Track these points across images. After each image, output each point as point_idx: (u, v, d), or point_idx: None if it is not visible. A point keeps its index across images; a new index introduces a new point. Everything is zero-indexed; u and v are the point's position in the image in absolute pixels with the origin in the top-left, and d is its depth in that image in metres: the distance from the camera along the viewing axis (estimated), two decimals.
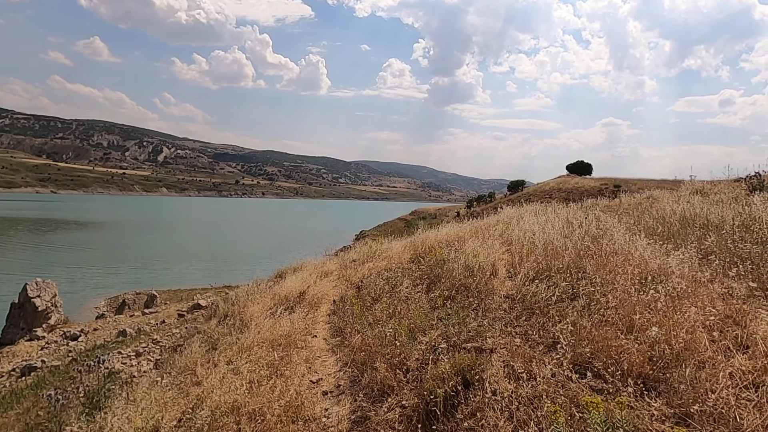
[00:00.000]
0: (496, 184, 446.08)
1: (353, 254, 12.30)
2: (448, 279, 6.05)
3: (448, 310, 5.03)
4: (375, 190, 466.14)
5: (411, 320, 4.88)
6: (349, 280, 9.25)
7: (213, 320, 11.55)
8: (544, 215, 8.45)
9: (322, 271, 11.42)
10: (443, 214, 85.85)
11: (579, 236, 5.45)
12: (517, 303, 4.54)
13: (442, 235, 9.76)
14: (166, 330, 13.85)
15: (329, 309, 7.82)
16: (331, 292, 8.86)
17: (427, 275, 7.05)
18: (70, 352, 15.40)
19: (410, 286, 6.41)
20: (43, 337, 20.15)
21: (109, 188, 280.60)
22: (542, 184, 78.37)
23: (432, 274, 6.94)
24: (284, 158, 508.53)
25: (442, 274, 6.49)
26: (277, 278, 13.71)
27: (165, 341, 11.71)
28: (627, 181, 68.42)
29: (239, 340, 6.79)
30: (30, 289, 21.32)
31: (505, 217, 11.38)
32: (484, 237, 8.74)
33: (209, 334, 8.98)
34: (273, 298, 9.70)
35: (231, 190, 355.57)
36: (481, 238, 8.68)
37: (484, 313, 4.65)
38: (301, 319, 7.04)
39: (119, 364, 10.28)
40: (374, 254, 10.69)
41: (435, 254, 7.15)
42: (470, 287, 5.45)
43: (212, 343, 8.19)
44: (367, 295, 7.08)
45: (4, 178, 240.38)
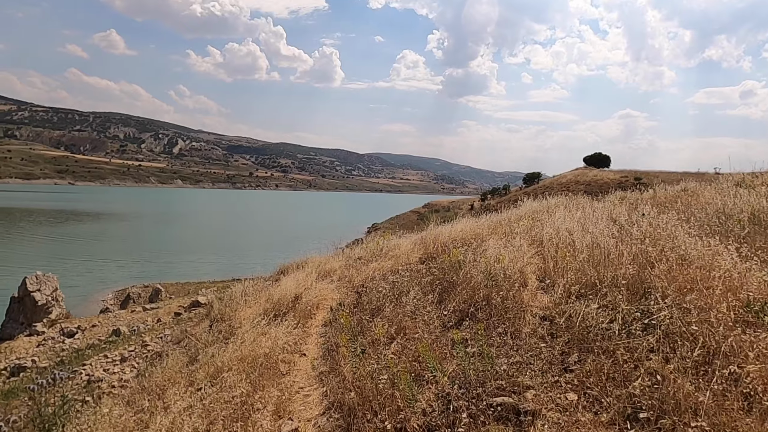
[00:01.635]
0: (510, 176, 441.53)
1: (359, 251, 11.21)
2: (464, 288, 4.92)
3: (465, 333, 3.90)
4: (388, 183, 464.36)
5: (417, 349, 3.76)
6: (351, 282, 8.17)
7: (204, 323, 10.60)
8: (578, 210, 7.23)
9: (324, 270, 10.35)
10: (457, 207, 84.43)
11: (636, 238, 4.26)
12: (560, 329, 3.39)
13: (457, 231, 8.60)
14: (159, 330, 12.99)
15: (325, 318, 6.75)
16: (330, 296, 7.79)
17: (439, 281, 5.93)
18: (63, 351, 14.65)
19: (419, 295, 5.30)
20: (43, 333, 19.50)
21: (125, 180, 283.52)
22: (559, 176, 76.36)
23: (445, 280, 5.82)
24: (298, 150, 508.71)
25: (457, 280, 5.36)
26: (279, 274, 12.72)
27: (154, 344, 10.82)
28: (648, 173, 66.11)
29: (216, 356, 5.76)
30: (29, 283, 20.69)
31: (527, 211, 10.17)
32: (506, 235, 7.57)
33: (194, 342, 8.00)
34: (267, 300, 8.66)
35: (245, 182, 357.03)
36: (503, 237, 7.51)
37: (513, 340, 3.52)
38: (289, 331, 5.97)
39: (101, 372, 9.40)
40: (380, 252, 9.58)
41: (449, 255, 6.02)
42: (493, 301, 4.32)
43: (193, 354, 7.19)
44: (367, 303, 5.99)
45: (24, 169, 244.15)
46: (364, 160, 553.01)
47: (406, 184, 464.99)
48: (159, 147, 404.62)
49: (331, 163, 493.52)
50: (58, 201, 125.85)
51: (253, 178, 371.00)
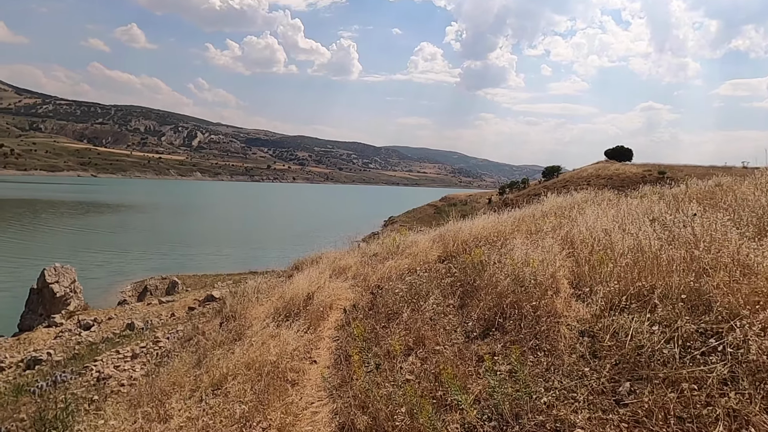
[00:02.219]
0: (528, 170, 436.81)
1: (375, 246, 10.81)
2: (489, 293, 4.49)
3: (492, 345, 3.48)
4: (405, 176, 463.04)
5: (438, 365, 3.36)
6: (366, 281, 7.79)
7: (216, 320, 10.36)
8: (610, 206, 6.69)
9: (339, 267, 9.99)
10: (474, 201, 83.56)
11: (687, 241, 3.77)
12: (604, 348, 2.94)
13: (478, 228, 8.14)
14: (172, 326, 12.83)
15: (338, 319, 6.38)
16: (343, 296, 7.42)
17: (460, 283, 5.50)
18: (78, 345, 14.63)
19: (438, 299, 4.88)
20: (61, 324, 19.64)
21: (146, 172, 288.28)
22: (579, 170, 74.82)
23: (466, 282, 5.39)
24: (315, 143, 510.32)
25: (480, 283, 4.93)
26: (293, 270, 12.44)
27: (165, 341, 10.63)
28: (672, 167, 64.23)
29: (222, 361, 5.44)
30: (48, 275, 20.85)
31: (552, 207, 9.64)
32: (532, 233, 7.09)
33: (203, 342, 7.73)
34: (280, 298, 8.34)
35: (263, 174, 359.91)
36: (528, 235, 7.02)
37: (549, 358, 3.09)
38: (300, 335, 5.62)
39: (111, 369, 9.22)
40: (397, 249, 9.17)
41: (471, 256, 5.58)
42: (523, 309, 3.88)
43: (201, 355, 6.91)
44: (383, 306, 5.59)
45: (48, 162, 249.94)
46: (381, 153, 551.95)
47: (422, 178, 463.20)
48: (179, 140, 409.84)
49: (348, 156, 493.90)
50: (81, 193, 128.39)
51: (270, 171, 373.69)
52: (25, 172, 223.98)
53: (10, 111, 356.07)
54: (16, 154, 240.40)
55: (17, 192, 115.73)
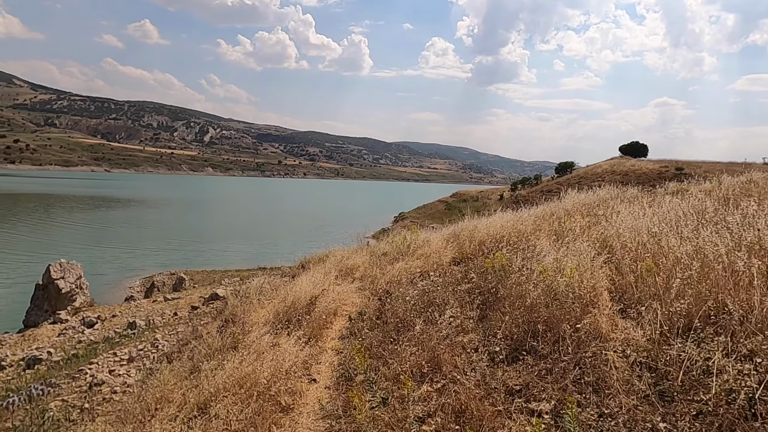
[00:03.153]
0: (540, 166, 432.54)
1: (385, 245, 10.19)
2: (515, 306, 3.86)
3: (524, 374, 2.85)
4: (415, 172, 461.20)
5: (459, 395, 2.74)
6: (374, 284, 7.19)
7: (216, 322, 9.84)
8: (648, 205, 5.97)
9: (346, 267, 9.42)
10: (486, 197, 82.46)
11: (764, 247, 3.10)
12: (674, 388, 2.30)
13: (495, 227, 7.48)
14: (173, 325, 12.37)
15: (343, 328, 5.80)
16: (350, 301, 6.83)
17: (480, 291, 4.88)
18: (79, 343, 14.26)
19: (455, 312, 4.26)
20: (66, 321, 19.35)
21: (158, 167, 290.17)
22: (593, 166, 73.41)
23: (487, 290, 4.77)
24: (325, 139, 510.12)
25: (503, 293, 4.30)
26: (299, 268, 11.89)
27: (164, 343, 10.15)
28: (690, 163, 62.68)
29: (214, 374, 4.88)
30: (53, 271, 20.56)
31: (574, 205, 8.94)
32: (557, 234, 6.42)
33: (199, 348, 7.20)
34: (282, 301, 7.78)
35: (273, 170, 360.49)
36: (553, 236, 6.37)
37: (600, 398, 2.45)
38: (299, 347, 5.03)
39: (105, 373, 8.74)
40: (408, 249, 8.55)
41: (491, 260, 4.94)
42: (559, 328, 3.24)
43: (196, 363, 6.38)
44: (392, 315, 4.99)
45: (63, 157, 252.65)
46: (392, 148, 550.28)
47: (433, 173, 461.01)
48: (191, 135, 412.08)
49: (358, 151, 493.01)
50: (94, 188, 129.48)
51: (281, 167, 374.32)
52: (40, 167, 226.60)
53: (26, 107, 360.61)
54: (31, 149, 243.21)
55: (32, 186, 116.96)
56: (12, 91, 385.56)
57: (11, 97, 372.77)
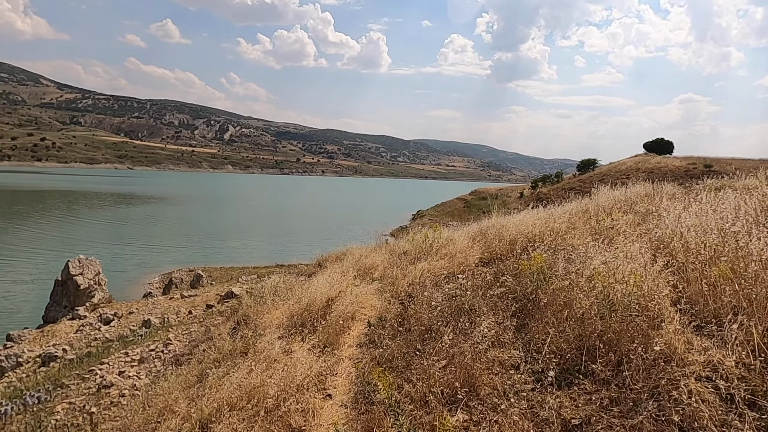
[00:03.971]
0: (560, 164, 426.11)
1: (404, 243, 9.66)
2: (562, 317, 3.32)
3: (583, 404, 2.32)
4: (433, 169, 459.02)
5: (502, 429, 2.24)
6: (395, 285, 6.68)
7: (229, 323, 9.49)
8: (698, 201, 5.34)
9: (364, 266, 8.94)
10: (505, 195, 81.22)
11: None
12: None
13: (526, 225, 6.91)
14: (187, 325, 12.09)
15: (361, 334, 5.32)
16: (368, 303, 6.35)
17: (513, 295, 4.34)
18: (95, 341, 14.14)
19: (491, 323, 3.73)
20: (84, 317, 19.36)
21: (179, 165, 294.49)
22: (617, 163, 71.58)
23: (523, 296, 4.23)
24: (344, 137, 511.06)
25: (544, 300, 3.76)
26: (317, 266, 11.50)
27: (176, 343, 9.84)
28: (719, 160, 60.51)
29: (221, 384, 4.46)
30: (72, 267, 20.60)
31: (609, 201, 8.28)
32: (596, 233, 5.84)
33: (210, 351, 6.81)
34: (297, 302, 7.35)
35: (292, 167, 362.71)
36: (593, 235, 5.78)
37: None
38: (314, 355, 4.57)
39: (115, 375, 8.46)
40: (430, 248, 8.02)
41: (528, 262, 4.40)
42: (619, 346, 2.70)
43: (203, 369, 5.98)
44: (416, 323, 4.49)
45: (87, 155, 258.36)
46: (410, 146, 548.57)
47: (451, 171, 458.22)
48: (211, 133, 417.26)
49: (376, 149, 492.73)
50: (117, 184, 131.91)
51: (300, 164, 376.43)
52: (65, 165, 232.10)
53: (52, 105, 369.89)
54: (57, 147, 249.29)
55: (57, 183, 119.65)
56: (39, 91, 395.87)
57: (38, 96, 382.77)
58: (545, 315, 3.59)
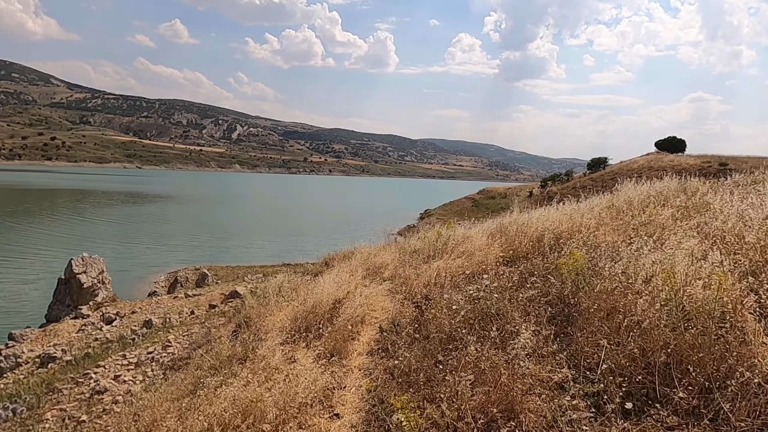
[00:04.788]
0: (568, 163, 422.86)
1: (416, 241, 9.09)
2: (615, 326, 2.76)
3: None
4: (441, 169, 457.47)
5: None
6: (408, 285, 6.14)
7: (231, 325, 8.99)
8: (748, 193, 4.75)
9: (373, 265, 8.40)
10: (514, 194, 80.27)
11: None
12: None
13: (552, 221, 6.34)
14: (189, 325, 11.64)
15: (372, 340, 4.78)
16: (379, 305, 5.82)
17: (546, 298, 3.79)
18: (95, 341, 13.74)
19: (527, 335, 3.18)
20: (87, 316, 19.01)
21: (188, 164, 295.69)
22: (628, 162, 70.50)
23: (558, 299, 3.68)
24: (351, 136, 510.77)
25: (587, 305, 3.20)
26: (323, 265, 10.97)
27: (176, 346, 9.38)
28: (734, 158, 59.21)
29: (215, 396, 3.95)
30: (75, 265, 20.27)
31: (638, 196, 7.67)
32: (631, 228, 5.26)
33: (208, 356, 6.31)
34: (302, 303, 6.84)
35: (299, 167, 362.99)
36: (624, 230, 5.21)
37: None
38: (319, 366, 4.04)
39: (109, 380, 8.00)
40: (445, 245, 7.46)
41: (567, 260, 3.83)
42: (706, 367, 2.14)
43: (198, 378, 5.48)
44: (435, 330, 3.94)
45: (96, 154, 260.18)
46: (417, 145, 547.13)
47: (459, 171, 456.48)
48: (219, 133, 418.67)
49: (384, 148, 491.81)
50: (126, 183, 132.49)
51: (307, 164, 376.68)
52: (75, 164, 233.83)
53: (62, 105, 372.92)
54: (67, 146, 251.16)
55: (67, 182, 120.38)
56: (50, 91, 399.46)
57: (49, 96, 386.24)
58: (591, 323, 3.03)
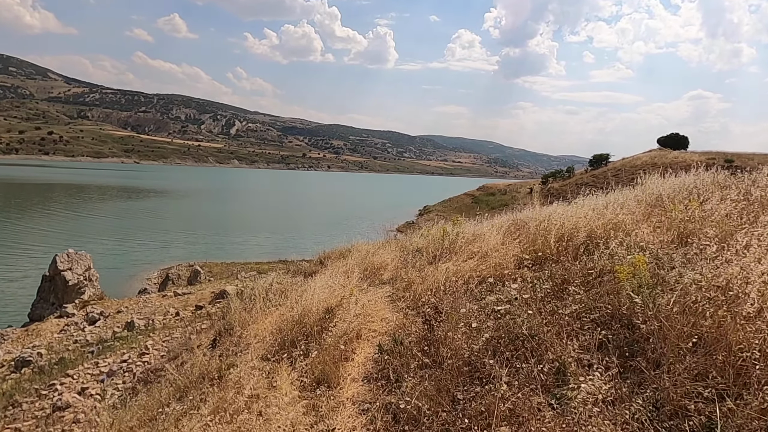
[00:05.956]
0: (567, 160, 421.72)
1: (418, 239, 8.18)
2: (715, 360, 1.89)
3: None
4: (440, 165, 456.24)
5: None
6: (412, 291, 5.27)
7: (212, 331, 8.12)
8: None
9: (372, 265, 7.50)
10: (514, 191, 79.60)
11: None
12: None
13: (578, 216, 5.46)
14: (171, 328, 10.78)
15: (370, 360, 3.90)
16: (378, 316, 4.93)
17: (591, 315, 2.92)
18: (75, 343, 12.87)
19: (568, 357, 2.31)
20: (72, 315, 18.14)
21: (186, 159, 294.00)
22: (631, 158, 69.72)
23: (611, 317, 2.81)
24: (350, 132, 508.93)
25: (656, 326, 2.33)
26: (318, 264, 10.08)
27: (154, 353, 8.52)
28: (739, 155, 58.51)
29: None
30: (60, 261, 19.36)
31: (673, 188, 6.78)
32: (682, 221, 4.41)
33: (178, 375, 5.44)
34: (290, 309, 5.97)
35: (298, 163, 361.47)
36: (670, 229, 4.36)
37: None
38: (301, 402, 3.17)
39: (73, 395, 7.13)
40: (453, 244, 6.57)
41: (625, 267, 2.96)
42: None
43: (158, 405, 4.61)
44: (450, 352, 3.07)
45: (94, 148, 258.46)
46: (416, 142, 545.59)
47: (457, 167, 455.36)
48: (217, 128, 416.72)
49: (382, 144, 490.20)
50: (123, 178, 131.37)
51: (306, 159, 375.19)
52: (72, 158, 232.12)
53: (60, 99, 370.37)
54: (64, 141, 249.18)
55: (63, 177, 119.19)
56: (47, 85, 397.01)
57: (46, 90, 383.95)
58: (675, 356, 2.16)
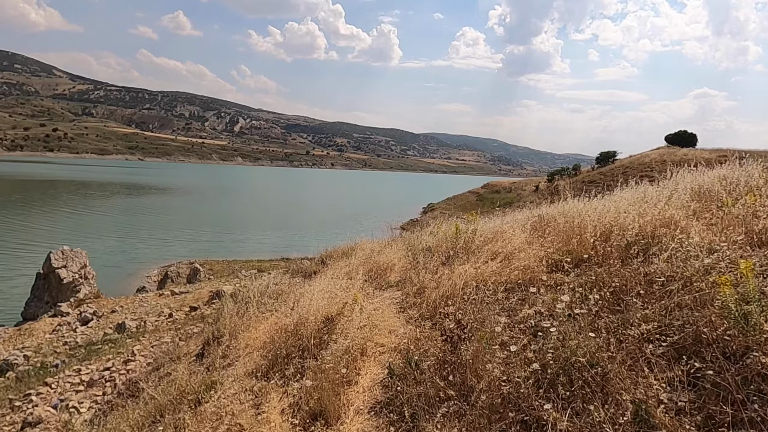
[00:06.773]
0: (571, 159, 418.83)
1: (428, 238, 7.45)
2: None
3: None
4: (443, 163, 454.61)
5: None
6: (424, 297, 4.57)
7: (200, 339, 7.45)
8: None
9: (377, 265, 6.79)
10: (519, 189, 78.65)
11: None
12: None
13: (614, 211, 4.74)
14: (163, 331, 10.12)
15: (377, 384, 3.21)
16: (386, 327, 4.22)
17: (669, 339, 2.22)
18: (65, 345, 12.24)
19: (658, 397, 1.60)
20: (67, 314, 17.55)
21: (189, 157, 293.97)
22: (639, 155, 68.57)
23: (695, 341, 2.10)
24: (353, 130, 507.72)
25: None
26: (320, 264, 9.41)
27: (140, 359, 7.87)
28: (752, 152, 57.38)
29: None
30: (54, 259, 18.75)
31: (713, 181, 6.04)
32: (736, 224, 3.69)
33: (157, 393, 4.76)
34: (286, 316, 5.29)
35: (302, 160, 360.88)
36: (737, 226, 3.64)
37: None
38: None
39: (47, 408, 6.47)
40: (469, 243, 5.84)
41: (726, 280, 2.24)
42: None
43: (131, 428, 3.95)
44: (484, 385, 2.36)
45: (98, 145, 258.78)
46: (420, 140, 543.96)
47: (461, 165, 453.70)
48: (221, 125, 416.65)
49: (386, 142, 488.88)
50: (127, 175, 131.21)
51: (309, 157, 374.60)
52: (77, 155, 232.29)
53: (65, 97, 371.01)
54: (69, 138, 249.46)
55: (66, 173, 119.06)
56: (52, 82, 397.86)
57: (51, 87, 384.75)
58: None
